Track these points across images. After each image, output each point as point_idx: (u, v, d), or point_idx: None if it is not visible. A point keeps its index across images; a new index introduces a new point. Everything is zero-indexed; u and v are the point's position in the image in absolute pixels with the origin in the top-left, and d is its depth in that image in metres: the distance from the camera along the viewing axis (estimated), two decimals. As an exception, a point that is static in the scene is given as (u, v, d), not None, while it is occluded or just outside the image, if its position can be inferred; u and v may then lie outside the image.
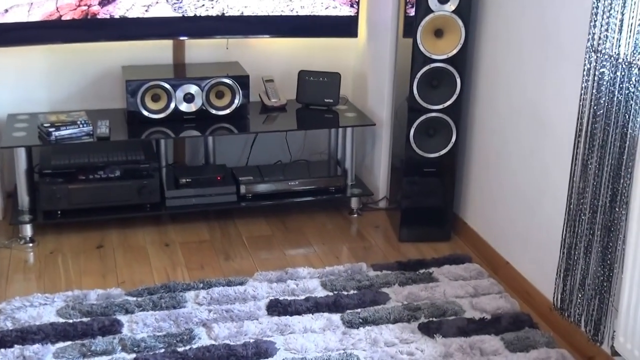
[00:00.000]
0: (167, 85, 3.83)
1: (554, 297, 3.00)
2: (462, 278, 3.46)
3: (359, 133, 4.22)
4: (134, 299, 3.21)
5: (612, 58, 2.60)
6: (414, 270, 3.52)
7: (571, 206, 2.86)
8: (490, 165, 3.62)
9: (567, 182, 2.89)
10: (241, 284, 3.35)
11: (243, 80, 3.94)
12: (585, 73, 2.73)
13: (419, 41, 3.56)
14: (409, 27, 3.68)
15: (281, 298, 3.25)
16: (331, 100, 4.18)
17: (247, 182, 3.96)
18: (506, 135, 3.46)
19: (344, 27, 4.20)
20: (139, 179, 3.79)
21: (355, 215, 4.12)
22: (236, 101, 3.93)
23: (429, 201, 3.83)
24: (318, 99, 4.19)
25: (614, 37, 2.58)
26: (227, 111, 3.94)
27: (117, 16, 3.83)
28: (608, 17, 2.58)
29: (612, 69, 2.60)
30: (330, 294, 3.30)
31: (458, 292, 3.34)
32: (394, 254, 3.72)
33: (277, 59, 4.32)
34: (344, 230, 3.98)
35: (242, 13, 4.01)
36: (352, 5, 4.14)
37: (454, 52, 3.59)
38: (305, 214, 4.09)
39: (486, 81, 3.61)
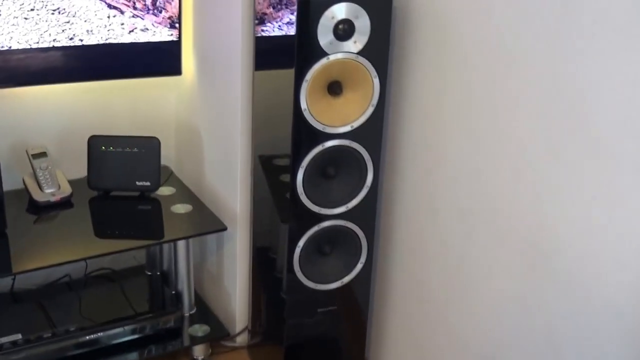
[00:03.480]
0: None
1: None
2: None
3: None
4: None
5: None
6: None
7: None
8: (423, 297, 2.18)
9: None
10: None
11: (-8, 167, 2.26)
12: None
13: (303, 106, 2.03)
14: (262, 55, 2.21)
15: None
16: (147, 184, 2.56)
17: (8, 349, 2.29)
18: (457, 258, 2.02)
19: (160, 59, 2.58)
20: None
21: (202, 368, 2.57)
22: (-19, 207, 2.25)
23: (326, 346, 2.36)
24: (125, 182, 2.55)
25: None
26: (-34, 225, 2.25)
27: None
28: None
29: None
30: None
31: None
32: None
33: (50, 116, 2.62)
34: (188, 406, 2.42)
35: (-18, 51, 2.31)
36: (172, 26, 2.54)
37: (363, 119, 2.10)
38: (118, 377, 2.49)
39: (419, 167, 2.14)
